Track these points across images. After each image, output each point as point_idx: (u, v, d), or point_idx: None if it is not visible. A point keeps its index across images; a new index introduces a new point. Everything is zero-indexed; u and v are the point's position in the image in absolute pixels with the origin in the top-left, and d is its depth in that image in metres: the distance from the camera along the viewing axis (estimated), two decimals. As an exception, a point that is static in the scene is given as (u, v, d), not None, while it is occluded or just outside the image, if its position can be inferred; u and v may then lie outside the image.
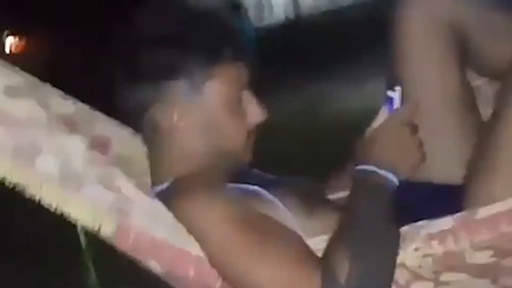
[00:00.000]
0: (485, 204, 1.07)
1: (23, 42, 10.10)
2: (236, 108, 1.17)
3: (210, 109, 1.16)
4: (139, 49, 1.15)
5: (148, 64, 1.14)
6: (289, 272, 1.05)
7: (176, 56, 1.14)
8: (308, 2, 17.29)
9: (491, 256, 1.04)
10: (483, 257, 1.04)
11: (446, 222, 1.07)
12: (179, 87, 1.14)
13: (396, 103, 1.16)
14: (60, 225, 1.20)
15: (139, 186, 1.13)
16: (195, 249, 1.08)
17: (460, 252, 1.05)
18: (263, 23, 18.58)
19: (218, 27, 1.15)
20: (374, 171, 1.10)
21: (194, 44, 1.14)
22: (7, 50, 9.69)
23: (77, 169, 1.08)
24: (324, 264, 1.04)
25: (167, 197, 1.13)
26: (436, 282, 1.07)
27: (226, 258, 1.07)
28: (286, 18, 16.96)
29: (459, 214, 1.08)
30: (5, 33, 9.57)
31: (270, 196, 1.15)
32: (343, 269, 1.01)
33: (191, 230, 1.08)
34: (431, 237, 1.06)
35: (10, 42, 9.71)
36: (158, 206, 1.11)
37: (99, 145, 1.20)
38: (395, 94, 1.15)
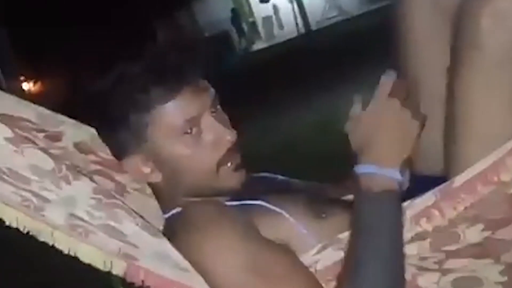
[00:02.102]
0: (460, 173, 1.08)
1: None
2: (193, 140, 1.16)
3: (162, 152, 1.17)
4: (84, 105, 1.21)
5: (94, 119, 1.20)
6: None
7: (105, 111, 1.16)
8: (317, 16, 17.42)
9: (483, 229, 1.05)
10: (476, 233, 1.06)
11: (428, 198, 1.08)
12: (124, 139, 1.16)
13: None
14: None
15: (142, 226, 1.14)
16: (200, 285, 1.10)
17: (454, 231, 1.06)
18: (274, 41, 18.67)
19: (141, 73, 1.14)
20: (375, 173, 1.06)
21: (119, 96, 1.15)
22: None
23: (83, 218, 1.09)
24: None
25: (171, 232, 1.16)
26: (442, 271, 1.08)
27: None
28: (298, 33, 17.12)
29: (438, 187, 1.08)
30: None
31: (274, 208, 1.16)
32: None
33: (195, 266, 1.10)
34: (417, 215, 1.07)
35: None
36: (163, 245, 1.13)
37: (112, 166, 1.24)
38: (389, 78, 1.10)
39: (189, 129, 1.15)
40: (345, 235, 1.10)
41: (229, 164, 1.19)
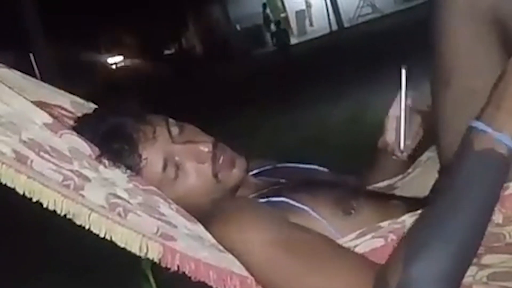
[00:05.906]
0: None
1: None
2: (181, 177, 1.21)
3: (160, 184, 1.19)
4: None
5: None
6: (339, 282, 1.03)
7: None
8: (350, 13, 17.36)
9: None
10: None
11: None
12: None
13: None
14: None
15: (177, 211, 1.16)
16: (238, 268, 1.11)
17: (500, 232, 1.03)
18: (306, 37, 18.62)
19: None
20: (484, 131, 0.95)
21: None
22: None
23: (122, 198, 1.10)
24: (380, 266, 1.00)
25: (206, 220, 1.17)
26: (479, 266, 1.06)
27: (273, 276, 1.07)
28: (330, 29, 17.06)
29: None
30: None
31: (298, 205, 1.16)
32: (395, 272, 0.93)
33: (232, 251, 1.10)
34: None
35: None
36: (198, 229, 1.15)
37: None
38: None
39: (173, 173, 1.19)
40: (386, 223, 1.11)
41: (222, 162, 1.22)
